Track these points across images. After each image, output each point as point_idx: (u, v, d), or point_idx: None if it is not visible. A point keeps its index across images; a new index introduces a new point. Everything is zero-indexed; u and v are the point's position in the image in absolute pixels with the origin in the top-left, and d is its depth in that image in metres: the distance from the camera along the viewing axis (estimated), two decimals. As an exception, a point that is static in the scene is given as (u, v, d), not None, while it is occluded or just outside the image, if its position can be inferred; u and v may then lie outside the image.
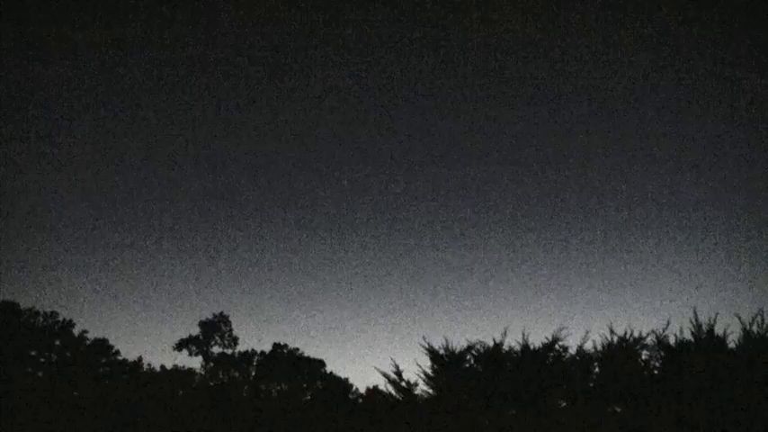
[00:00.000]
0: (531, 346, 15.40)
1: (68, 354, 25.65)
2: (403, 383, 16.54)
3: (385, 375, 16.62)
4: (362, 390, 30.45)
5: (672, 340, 13.72)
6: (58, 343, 25.52)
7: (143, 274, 67.18)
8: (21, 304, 25.17)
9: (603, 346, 14.57)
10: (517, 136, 68.42)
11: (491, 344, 15.80)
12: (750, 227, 57.66)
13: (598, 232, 64.26)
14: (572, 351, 15.18)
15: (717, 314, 13.08)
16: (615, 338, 14.42)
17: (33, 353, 24.62)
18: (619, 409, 14.24)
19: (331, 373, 34.27)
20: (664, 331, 13.85)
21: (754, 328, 12.58)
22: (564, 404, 15.03)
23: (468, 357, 16.08)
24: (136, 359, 29.48)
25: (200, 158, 73.06)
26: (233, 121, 70.84)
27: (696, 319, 13.24)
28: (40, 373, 24.61)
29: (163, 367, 30.73)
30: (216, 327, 34.59)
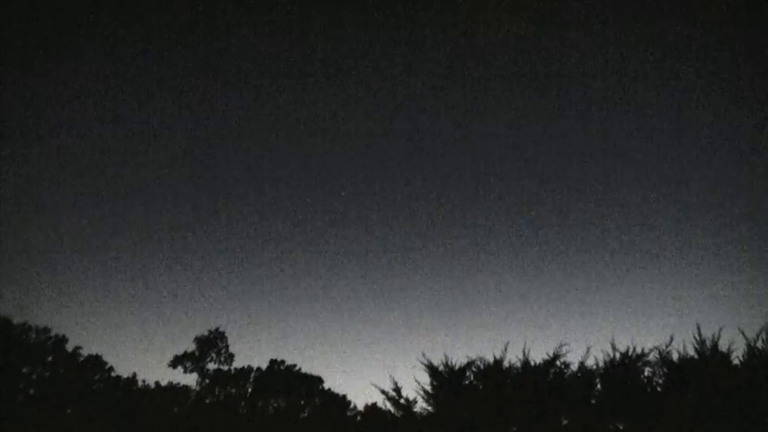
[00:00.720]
0: (532, 363, 15.28)
1: (61, 370, 25.27)
2: (402, 400, 16.35)
3: (384, 392, 16.49)
4: (361, 407, 30.09)
5: (675, 356, 13.60)
6: (50, 359, 25.16)
7: (138, 290, 66.69)
8: (13, 320, 24.90)
9: (605, 363, 14.44)
10: (518, 150, 68.65)
11: (491, 360, 15.73)
12: (754, 241, 57.59)
13: (600, 247, 64.12)
14: (573, 367, 15.07)
15: (721, 330, 12.96)
16: (617, 355, 14.33)
17: (25, 369, 24.24)
18: (621, 427, 14.01)
19: (329, 389, 33.84)
20: (667, 347, 13.75)
21: (759, 343, 12.42)
22: (566, 421, 14.77)
23: (468, 374, 15.90)
24: (130, 376, 29.09)
25: (196, 176, 73.11)
26: (231, 139, 70.96)
27: (700, 335, 13.11)
28: (31, 391, 24.19)
29: (157, 384, 30.28)
30: (212, 343, 34.20)
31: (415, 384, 16.18)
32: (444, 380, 15.87)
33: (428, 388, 16.01)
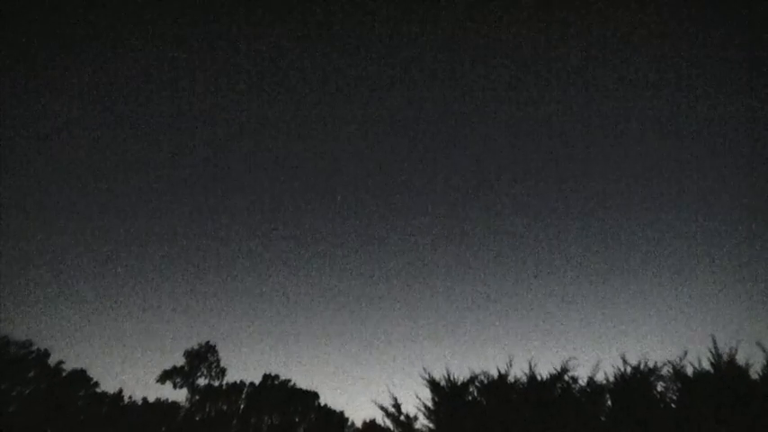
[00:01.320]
0: (539, 377, 14.90)
1: (43, 386, 24.43)
2: (402, 417, 15.88)
3: (382, 408, 16.07)
4: (359, 424, 29.42)
5: (689, 370, 13.15)
6: (32, 374, 24.35)
7: (125, 302, 65.50)
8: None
9: (616, 377, 14.06)
10: (522, 160, 68.72)
11: (496, 374, 15.32)
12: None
13: (610, 256, 63.78)
14: (582, 382, 14.72)
15: (738, 343, 12.52)
16: (628, 369, 13.98)
17: (5, 385, 23.40)
18: (632, 445, 13.44)
19: (325, 405, 33.19)
20: (681, 361, 13.33)
21: (778, 357, 11.94)
22: (574, 439, 14.19)
23: (471, 389, 15.48)
24: (116, 392, 28.30)
25: (187, 189, 72.55)
26: (224, 149, 70.59)
27: (715, 348, 12.67)
28: (11, 408, 23.29)
29: (145, 400, 29.46)
30: (202, 357, 33.44)
31: (415, 400, 15.77)
32: (446, 395, 15.40)
33: (429, 403, 15.57)
